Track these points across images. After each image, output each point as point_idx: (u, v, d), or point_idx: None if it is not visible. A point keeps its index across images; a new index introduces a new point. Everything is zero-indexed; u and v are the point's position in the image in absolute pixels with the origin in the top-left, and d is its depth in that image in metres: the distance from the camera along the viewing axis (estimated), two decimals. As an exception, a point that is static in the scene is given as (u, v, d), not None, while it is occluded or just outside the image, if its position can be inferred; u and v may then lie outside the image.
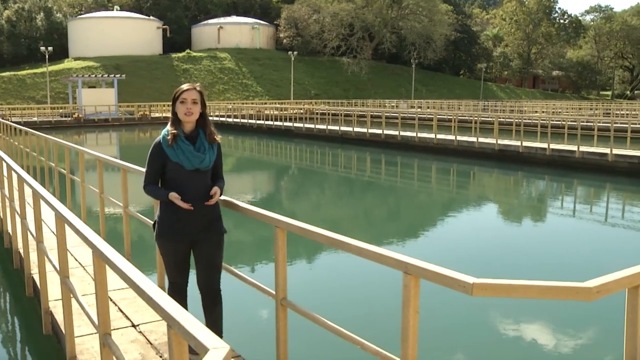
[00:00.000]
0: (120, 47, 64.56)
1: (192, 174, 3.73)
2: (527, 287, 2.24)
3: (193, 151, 3.71)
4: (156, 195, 3.86)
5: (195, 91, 3.71)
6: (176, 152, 3.70)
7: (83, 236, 3.12)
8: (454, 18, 75.86)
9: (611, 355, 5.95)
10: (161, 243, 3.91)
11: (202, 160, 3.73)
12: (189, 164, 3.70)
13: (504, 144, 21.51)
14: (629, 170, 17.68)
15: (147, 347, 4.18)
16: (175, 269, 3.95)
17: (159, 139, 3.80)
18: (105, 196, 7.29)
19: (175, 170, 3.73)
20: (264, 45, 74.46)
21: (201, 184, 3.79)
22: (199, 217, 3.78)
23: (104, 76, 49.12)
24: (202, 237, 3.83)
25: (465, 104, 53.40)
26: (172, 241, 3.84)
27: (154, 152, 3.81)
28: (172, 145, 3.70)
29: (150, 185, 3.86)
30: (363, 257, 2.78)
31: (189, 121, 3.74)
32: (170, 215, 3.79)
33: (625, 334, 2.34)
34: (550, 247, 10.88)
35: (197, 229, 3.80)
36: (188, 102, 3.68)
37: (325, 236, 3.10)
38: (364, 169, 22.81)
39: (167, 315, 1.98)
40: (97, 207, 8.53)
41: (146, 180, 3.87)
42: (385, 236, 11.59)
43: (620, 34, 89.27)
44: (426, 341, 4.20)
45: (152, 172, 3.83)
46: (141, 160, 4.35)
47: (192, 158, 3.70)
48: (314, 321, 3.21)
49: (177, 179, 3.74)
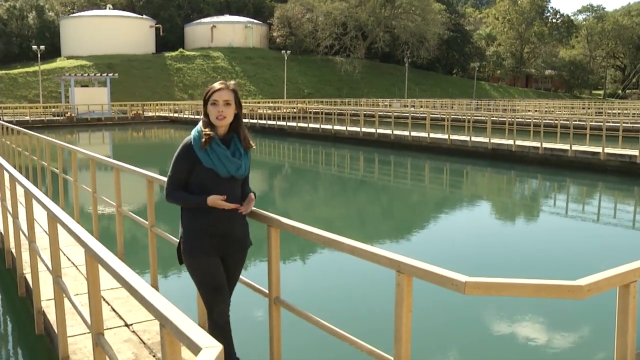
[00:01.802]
0: (113, 46, 64.33)
1: (225, 182, 3.32)
2: (519, 286, 2.25)
3: (230, 156, 3.30)
4: (189, 201, 3.35)
5: (228, 91, 3.30)
6: (211, 156, 3.27)
7: (75, 235, 3.11)
8: (447, 17, 76.07)
9: (603, 352, 5.98)
10: (193, 263, 3.40)
11: (238, 168, 3.34)
12: (224, 170, 3.30)
13: (497, 143, 21.58)
14: (621, 169, 17.78)
15: (141, 346, 4.17)
16: (213, 290, 3.41)
17: (190, 140, 3.33)
18: (98, 196, 7.27)
19: (206, 177, 3.30)
20: (257, 45, 74.37)
21: (234, 194, 3.39)
22: (230, 228, 3.40)
23: (96, 75, 48.88)
24: (232, 251, 3.48)
25: (459, 103, 53.55)
26: (206, 256, 3.37)
27: (182, 154, 3.34)
28: (205, 149, 3.27)
29: (177, 192, 3.38)
30: (356, 256, 2.78)
31: (221, 126, 3.33)
32: (201, 227, 3.35)
33: (617, 331, 2.36)
34: (543, 245, 10.93)
35: (231, 242, 3.43)
36: (220, 104, 3.27)
37: (318, 235, 3.11)
38: (357, 168, 22.83)
39: (160, 314, 1.98)
40: (90, 206, 8.51)
41: (170, 185, 3.40)
42: (378, 235, 11.61)
43: (612, 34, 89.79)
44: (419, 340, 4.21)
45: (179, 176, 3.36)
46: (134, 159, 4.33)
47: (229, 164, 3.30)
48: (308, 320, 3.21)
49: (207, 187, 3.31)
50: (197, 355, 1.62)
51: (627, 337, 2.33)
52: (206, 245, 3.35)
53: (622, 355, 2.35)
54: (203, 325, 4.44)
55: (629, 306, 2.33)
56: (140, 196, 7.14)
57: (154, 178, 5.33)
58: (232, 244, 3.45)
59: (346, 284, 8.07)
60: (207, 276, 3.39)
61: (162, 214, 11.17)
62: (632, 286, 2.33)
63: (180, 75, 64.03)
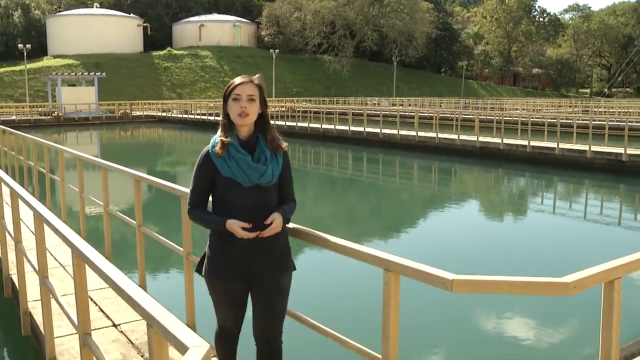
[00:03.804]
0: (101, 45, 63.89)
1: (250, 192, 2.87)
2: (505, 283, 2.27)
3: (250, 162, 2.86)
4: (207, 223, 2.97)
5: (253, 85, 2.92)
6: (229, 164, 2.86)
7: (62, 235, 3.09)
8: (435, 16, 76.26)
9: (589, 347, 6.04)
10: (211, 282, 3.04)
11: (262, 174, 2.87)
12: (245, 179, 2.85)
13: (485, 141, 21.69)
14: (607, 167, 17.94)
15: (129, 346, 4.16)
16: (227, 312, 3.10)
17: (207, 149, 2.95)
18: (85, 195, 7.23)
19: (227, 188, 2.88)
20: (245, 43, 74.21)
21: (262, 206, 2.89)
22: (259, 250, 2.91)
23: (84, 74, 48.50)
24: (263, 275, 2.95)
25: (447, 102, 53.75)
26: (224, 280, 2.98)
27: (201, 166, 2.95)
28: (223, 156, 2.87)
29: (197, 210, 2.98)
30: (343, 254, 2.79)
31: (244, 124, 2.90)
32: (223, 248, 2.94)
33: (602, 327, 2.39)
34: (531, 243, 11.01)
35: (257, 265, 2.94)
36: (242, 99, 2.86)
37: (306, 233, 3.11)
38: (346, 167, 22.85)
39: (147, 314, 1.97)
40: (77, 206, 8.45)
41: (192, 202, 2.99)
42: (366, 234, 11.63)
43: (598, 33, 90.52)
44: (407, 338, 4.23)
45: (199, 191, 2.97)
46: (122, 159, 4.30)
47: (250, 171, 2.86)
48: (295, 319, 3.22)
49: (230, 200, 2.89)
50: (184, 355, 1.62)
51: (612, 332, 2.35)
52: (227, 268, 2.94)
53: (607, 350, 2.37)
54: (191, 325, 4.44)
55: (613, 302, 2.35)
56: (128, 196, 7.12)
57: (142, 177, 5.31)
58: (264, 270, 2.95)
59: (334, 283, 8.08)
60: (223, 300, 3.05)
61: (150, 214, 11.09)
62: (616, 282, 2.36)
63: (169, 75, 63.75)
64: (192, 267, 4.47)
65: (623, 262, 2.42)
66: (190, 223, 4.45)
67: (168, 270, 8.67)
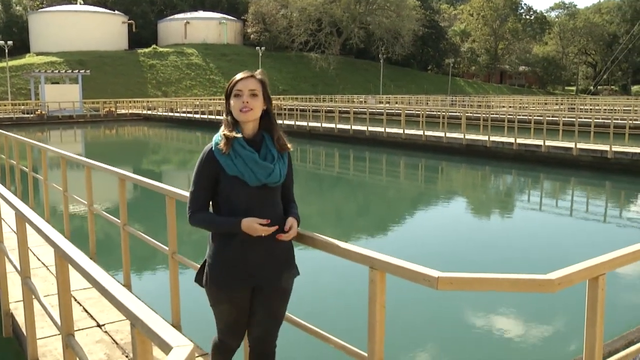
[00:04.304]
0: (84, 42, 63.30)
1: (257, 192, 2.70)
2: (491, 280, 2.27)
3: (258, 160, 2.70)
4: (216, 225, 2.74)
5: (255, 80, 2.75)
6: (235, 161, 2.68)
7: (44, 235, 3.05)
8: (422, 13, 76.45)
9: (574, 343, 6.08)
10: (213, 292, 2.81)
11: (270, 173, 2.71)
12: (252, 177, 2.68)
13: (472, 139, 21.79)
14: (592, 164, 18.09)
15: (113, 347, 4.12)
16: (228, 326, 2.89)
17: (210, 147, 2.74)
18: (69, 194, 7.16)
19: (233, 187, 2.69)
20: (231, 41, 73.94)
21: (269, 207, 2.75)
22: (267, 255, 2.76)
23: (67, 72, 48.06)
24: (268, 282, 2.80)
25: (433, 99, 53.94)
26: (229, 289, 2.77)
27: (203, 165, 2.74)
28: (227, 153, 2.68)
29: (201, 213, 2.75)
30: (329, 252, 2.78)
31: (247, 120, 2.72)
32: (229, 254, 2.74)
33: (586, 323, 2.40)
34: (517, 240, 11.07)
35: (263, 271, 2.77)
36: (244, 94, 2.70)
37: (292, 232, 3.09)
38: (332, 165, 22.85)
39: (130, 313, 1.95)
40: (61, 205, 8.37)
41: (193, 205, 2.76)
42: (353, 232, 11.64)
43: (584, 31, 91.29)
44: (393, 336, 4.22)
45: (202, 192, 2.75)
46: (107, 157, 4.25)
47: (258, 169, 2.69)
48: (282, 317, 3.20)
49: (234, 200, 2.70)
50: (168, 355, 1.60)
51: (596, 328, 2.36)
52: (232, 276, 2.74)
53: (591, 346, 2.38)
54: (176, 325, 4.41)
55: (597, 298, 2.36)
56: (113, 195, 7.07)
57: (126, 176, 5.26)
58: (270, 275, 2.79)
59: (320, 281, 8.07)
60: (227, 312, 2.84)
61: (135, 213, 11.03)
62: (600, 279, 2.37)
63: (154, 72, 63.36)
64: (177, 266, 4.44)
65: (607, 258, 2.43)
66: (175, 221, 4.43)
67: (153, 269, 8.62)
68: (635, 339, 5.50)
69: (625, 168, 17.33)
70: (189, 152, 28.76)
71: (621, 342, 5.58)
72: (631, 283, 8.36)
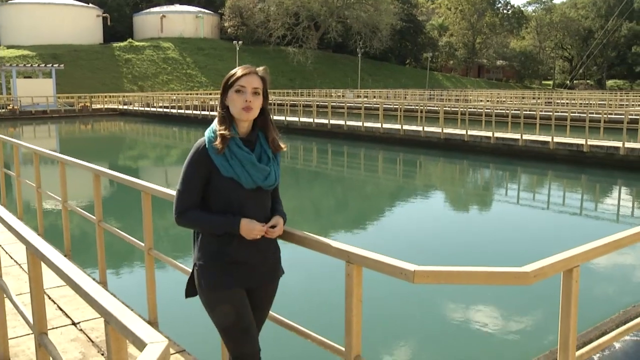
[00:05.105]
0: (58, 35, 62.24)
1: (251, 195, 2.60)
2: (467, 274, 2.28)
3: (255, 162, 2.59)
4: (211, 225, 2.60)
5: (257, 77, 2.63)
6: (230, 162, 2.55)
7: (16, 232, 2.98)
8: (400, 7, 76.64)
9: (549, 335, 6.16)
10: (213, 299, 2.65)
11: (267, 176, 2.62)
12: (248, 180, 2.57)
13: (450, 133, 21.92)
14: (569, 158, 18.34)
15: (88, 345, 4.06)
16: (244, 331, 2.67)
17: (203, 143, 2.62)
18: (43, 191, 7.04)
19: (226, 189, 2.57)
20: (208, 35, 73.40)
21: (262, 210, 2.66)
22: (261, 255, 2.68)
23: (40, 66, 47.25)
24: (261, 282, 2.74)
25: (412, 94, 54.16)
26: (228, 290, 2.63)
27: (195, 162, 2.60)
28: (223, 152, 2.56)
29: (193, 212, 2.61)
30: (306, 246, 2.76)
31: (247, 119, 2.61)
32: (221, 254, 2.61)
33: (560, 315, 2.42)
34: (495, 233, 11.19)
35: (258, 272, 2.70)
36: (247, 91, 2.58)
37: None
38: (310, 159, 22.83)
39: (104, 310, 1.92)
40: (34, 202, 8.24)
41: (182, 204, 2.61)
42: (331, 226, 11.65)
43: (560, 25, 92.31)
44: (370, 330, 4.23)
45: (193, 193, 2.61)
46: (83, 153, 4.18)
47: (254, 172, 2.58)
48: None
49: (228, 203, 2.59)
50: (142, 351, 1.58)
51: (570, 320, 2.39)
52: (230, 276, 2.62)
53: (565, 337, 2.41)
54: (153, 321, 4.37)
55: (572, 290, 2.39)
56: (88, 191, 6.94)
57: (101, 172, 5.19)
58: (263, 275, 2.72)
59: (297, 276, 8.06)
60: (232, 316, 2.63)
61: (110, 209, 10.91)
62: (574, 271, 2.39)
63: (130, 67, 62.63)
64: (153, 262, 4.39)
65: (581, 250, 2.46)
66: (151, 217, 4.37)
67: (130, 266, 8.53)
68: (609, 329, 5.59)
69: (601, 161, 17.60)
70: (165, 147, 28.52)
71: (595, 332, 5.67)
72: (605, 274, 8.50)
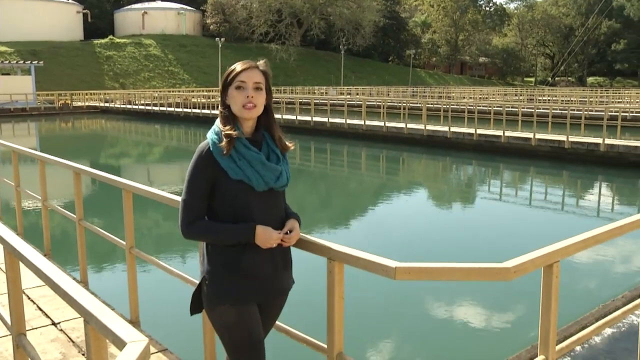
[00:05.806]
0: (37, 31, 61.35)
1: (263, 197, 2.40)
2: (448, 270, 2.29)
3: (265, 161, 2.39)
4: (222, 235, 2.36)
5: (258, 71, 2.42)
6: (238, 164, 2.34)
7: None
8: (383, 4, 76.76)
9: (530, 330, 6.22)
10: (222, 312, 2.41)
11: (278, 176, 2.42)
12: (260, 181, 2.36)
13: (432, 130, 22.01)
14: (550, 154, 18.51)
15: (69, 345, 4.02)
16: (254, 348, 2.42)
17: (206, 146, 2.38)
18: (22, 189, 6.95)
19: (235, 193, 2.35)
20: (190, 32, 72.95)
21: (275, 214, 2.46)
22: (276, 267, 2.46)
23: (19, 62, 46.60)
24: (274, 296, 2.53)
25: (395, 90, 54.28)
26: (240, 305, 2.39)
27: (199, 166, 2.38)
28: (230, 154, 2.34)
29: (201, 222, 2.39)
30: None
31: (250, 117, 2.42)
32: (237, 267, 2.38)
33: (541, 310, 2.44)
34: (477, 230, 11.26)
35: (272, 285, 2.48)
36: (249, 87, 2.38)
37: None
38: (293, 157, 22.79)
39: (83, 310, 1.90)
40: (13, 201, 8.13)
41: (189, 214, 2.38)
42: (313, 224, 11.64)
43: (542, 23, 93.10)
44: (353, 327, 4.24)
45: (200, 199, 2.38)
46: (63, 151, 4.11)
47: (265, 172, 2.38)
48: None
49: (238, 209, 2.37)
50: (122, 350, 1.57)
51: (550, 314, 2.41)
52: (242, 289, 2.39)
53: (546, 331, 2.43)
54: (135, 321, 4.34)
55: (552, 285, 2.41)
56: (68, 189, 6.85)
57: (82, 170, 5.13)
58: (275, 287, 2.50)
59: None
60: (242, 332, 2.39)
61: (91, 208, 10.80)
62: (555, 266, 2.41)
63: (111, 64, 62.05)
64: (134, 261, 4.36)
65: (561, 246, 2.48)
66: (132, 215, 4.34)
67: (111, 265, 8.45)
68: (589, 323, 5.66)
69: (582, 157, 17.79)
70: (147, 145, 28.32)
71: (575, 327, 5.74)
72: (585, 269, 8.60)
